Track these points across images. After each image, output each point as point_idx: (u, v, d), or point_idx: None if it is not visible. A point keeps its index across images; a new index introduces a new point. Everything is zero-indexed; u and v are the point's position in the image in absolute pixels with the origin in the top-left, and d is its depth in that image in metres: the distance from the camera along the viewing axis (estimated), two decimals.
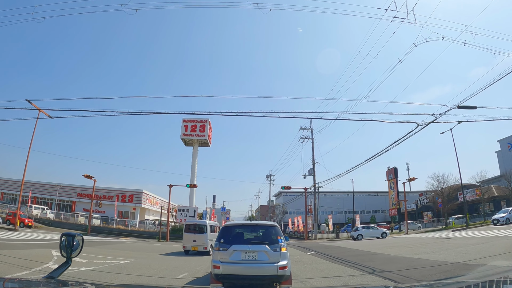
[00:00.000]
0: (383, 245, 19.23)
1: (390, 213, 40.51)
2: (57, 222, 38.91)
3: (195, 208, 36.43)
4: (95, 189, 54.24)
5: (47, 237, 19.82)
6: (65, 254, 2.25)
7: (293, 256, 13.97)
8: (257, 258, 5.87)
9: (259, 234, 6.51)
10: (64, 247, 2.27)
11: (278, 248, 5.95)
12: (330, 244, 22.85)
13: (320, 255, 14.91)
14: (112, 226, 39.95)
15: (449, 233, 24.99)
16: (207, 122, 39.34)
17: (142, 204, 56.88)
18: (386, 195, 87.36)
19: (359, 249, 17.16)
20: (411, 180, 33.35)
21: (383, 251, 15.24)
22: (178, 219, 36.19)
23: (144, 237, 35.05)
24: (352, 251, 16.31)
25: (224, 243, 6.07)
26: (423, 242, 18.76)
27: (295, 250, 17.82)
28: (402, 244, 18.68)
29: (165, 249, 18.86)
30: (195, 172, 38.46)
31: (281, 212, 74.77)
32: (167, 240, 32.41)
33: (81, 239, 2.39)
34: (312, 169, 35.31)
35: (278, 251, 5.92)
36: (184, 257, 14.48)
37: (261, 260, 5.85)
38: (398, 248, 16.08)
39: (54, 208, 51.04)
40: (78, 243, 2.34)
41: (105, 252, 14.58)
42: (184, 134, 39.34)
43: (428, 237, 23.78)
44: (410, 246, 16.64)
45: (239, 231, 6.62)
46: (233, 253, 5.92)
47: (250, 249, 5.94)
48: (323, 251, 16.92)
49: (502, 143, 63.66)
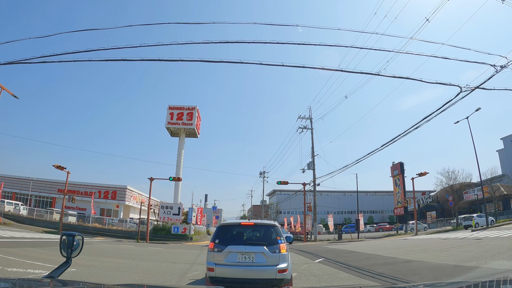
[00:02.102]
0: (406, 248, 15.59)
1: (395, 212, 37.11)
2: (29, 219, 35.51)
3: (180, 205, 32.43)
4: (75, 184, 50.72)
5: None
6: (65, 254, 2.26)
7: (299, 265, 10.32)
8: (254, 260, 5.41)
9: (257, 234, 6.03)
10: (64, 247, 2.28)
11: (277, 250, 5.49)
12: (337, 248, 19.07)
13: (333, 263, 11.17)
14: (88, 224, 36.02)
15: (470, 233, 21.81)
16: (195, 110, 35.36)
17: (126, 201, 52.74)
18: (384, 195, 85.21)
19: (379, 254, 13.46)
20: (422, 174, 29.93)
21: (414, 256, 11.60)
22: (160, 217, 32.18)
23: (123, 237, 31.56)
24: (373, 257, 12.62)
25: (219, 244, 5.62)
26: (454, 243, 15.22)
27: (298, 256, 14.00)
28: (429, 247, 15.04)
29: (137, 256, 14.86)
30: (181, 164, 34.48)
31: (274, 211, 71.48)
32: (146, 241, 28.57)
33: (81, 239, 2.40)
34: (311, 163, 31.60)
35: (277, 252, 5.47)
36: None
37: (259, 263, 5.39)
38: (430, 253, 12.46)
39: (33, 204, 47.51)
40: (78, 243, 2.35)
41: (42, 257, 10.58)
42: (169, 123, 35.28)
43: (450, 237, 20.34)
44: (444, 250, 13.05)
45: (236, 231, 6.15)
46: (229, 254, 5.46)
47: (246, 250, 5.47)
48: (333, 257, 13.17)
49: (506, 141, 61.33)
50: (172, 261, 12.18)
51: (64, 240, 2.29)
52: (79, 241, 2.35)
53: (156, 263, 11.27)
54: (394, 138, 22.62)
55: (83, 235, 2.56)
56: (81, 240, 2.39)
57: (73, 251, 2.27)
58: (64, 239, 2.29)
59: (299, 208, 67.75)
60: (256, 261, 5.37)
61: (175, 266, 10.72)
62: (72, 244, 2.27)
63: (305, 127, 32.63)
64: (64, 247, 2.27)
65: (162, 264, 11.14)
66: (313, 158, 31.56)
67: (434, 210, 46.99)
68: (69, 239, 2.28)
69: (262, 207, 69.19)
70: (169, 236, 31.00)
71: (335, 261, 11.77)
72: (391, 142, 23.40)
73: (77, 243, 2.33)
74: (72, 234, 2.33)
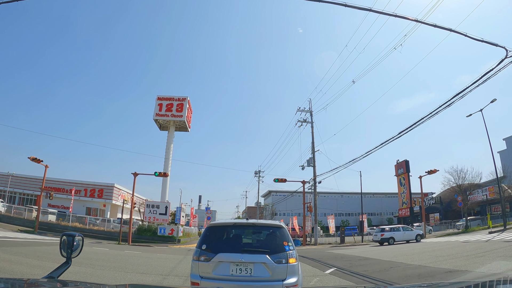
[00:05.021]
0: (428, 253, 12.95)
1: (400, 214, 34.68)
2: (6, 217, 32.94)
3: (168, 204, 29.63)
4: (60, 182, 47.66)
5: None
6: (65, 254, 2.22)
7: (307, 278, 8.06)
8: (252, 273, 3.97)
9: (257, 239, 4.66)
10: (64, 247, 2.24)
11: (284, 259, 4.02)
12: (344, 253, 16.37)
13: (351, 275, 8.57)
14: (67, 224, 33.12)
15: (490, 235, 19.54)
16: (186, 101, 32.57)
17: (113, 200, 49.74)
18: (382, 197, 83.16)
19: (402, 261, 10.88)
20: (432, 172, 27.52)
21: (450, 264, 9.06)
22: (145, 217, 29.34)
23: (104, 238, 28.83)
24: (397, 266, 10.03)
25: (206, 250, 4.16)
26: (483, 247, 12.76)
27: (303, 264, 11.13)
28: (456, 251, 12.45)
29: (101, 263, 12.09)
30: (170, 159, 31.68)
31: (270, 213, 68.82)
32: (128, 243, 25.80)
33: (81, 239, 2.35)
34: (311, 159, 29.00)
35: (284, 263, 4.01)
36: None
37: (259, 277, 3.95)
38: (465, 259, 9.91)
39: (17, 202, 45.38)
40: (78, 243, 2.31)
41: None
42: (157, 114, 32.46)
43: (470, 240, 17.97)
44: (479, 255, 10.54)
45: (230, 234, 4.61)
46: (219, 264, 4.04)
47: (243, 260, 3.99)
48: (347, 266, 10.55)
49: (508, 141, 59.60)
50: (142, 271, 9.48)
51: (64, 240, 2.25)
52: (79, 242, 2.31)
53: (118, 274, 8.55)
54: (404, 130, 20.12)
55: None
56: (81, 240, 2.34)
57: (73, 252, 2.23)
58: (64, 239, 2.25)
59: (295, 209, 65.14)
60: (255, 274, 4.02)
61: (142, 279, 8.05)
62: (72, 245, 2.23)
63: (305, 120, 30.05)
64: (64, 248, 2.23)
65: (126, 275, 8.44)
66: (314, 153, 29.00)
67: (437, 212, 44.93)
68: (69, 239, 2.24)
69: (257, 208, 66.46)
70: (155, 237, 28.28)
71: (351, 271, 9.18)
72: (398, 136, 20.87)
73: (77, 244, 2.28)
74: (72, 234, 2.29)
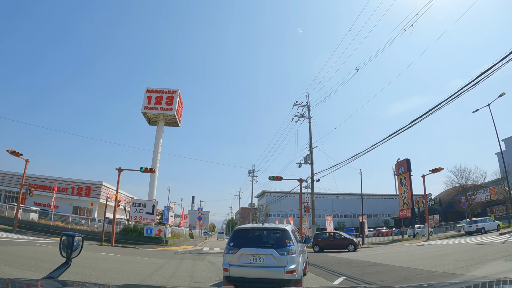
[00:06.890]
0: (444, 257, 11.20)
1: (401, 215, 33.21)
2: None
3: (155, 203, 27.70)
4: (46, 179, 45.29)
5: None
6: (64, 255, 2.23)
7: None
8: (264, 261, 5.80)
9: (267, 238, 6.46)
10: (64, 247, 2.24)
11: (286, 252, 5.81)
12: (349, 258, 14.43)
13: (365, 286, 6.87)
14: (49, 223, 31.03)
15: (503, 236, 18.09)
16: (176, 94, 30.71)
17: (101, 199, 47.52)
18: (378, 199, 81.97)
19: (420, 267, 9.18)
20: (436, 170, 26.04)
21: (481, 270, 7.43)
22: (131, 216, 27.40)
23: (88, 239, 26.48)
24: (416, 273, 8.33)
25: (233, 246, 6.09)
26: (505, 249, 11.16)
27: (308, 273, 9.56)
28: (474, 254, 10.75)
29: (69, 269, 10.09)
30: (158, 155, 29.78)
31: (263, 214, 67.07)
32: (111, 244, 23.89)
33: (81, 239, 2.36)
34: (309, 155, 27.31)
35: (286, 255, 5.78)
36: None
37: (268, 264, 5.77)
38: (496, 265, 8.29)
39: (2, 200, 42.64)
40: (78, 244, 2.31)
41: None
42: (146, 107, 30.55)
43: (484, 242, 16.41)
44: (509, 258, 8.92)
45: (249, 234, 6.55)
46: (241, 256, 5.91)
47: (257, 252, 5.87)
48: (357, 274, 8.78)
49: (507, 142, 58.76)
50: (106, 278, 7.66)
51: (64, 240, 2.25)
52: (79, 242, 2.31)
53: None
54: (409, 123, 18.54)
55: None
56: (81, 241, 2.35)
57: (73, 252, 2.24)
58: (64, 239, 2.26)
59: (290, 210, 63.41)
60: (266, 262, 5.80)
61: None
62: (72, 245, 2.24)
63: (302, 115, 28.38)
64: (63, 248, 2.24)
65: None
66: (311, 150, 27.31)
67: (436, 213, 43.68)
68: (69, 239, 2.24)
69: (251, 209, 64.61)
70: (141, 238, 26.35)
71: (364, 281, 7.48)
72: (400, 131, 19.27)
73: (77, 244, 2.28)
74: (72, 234, 2.29)
